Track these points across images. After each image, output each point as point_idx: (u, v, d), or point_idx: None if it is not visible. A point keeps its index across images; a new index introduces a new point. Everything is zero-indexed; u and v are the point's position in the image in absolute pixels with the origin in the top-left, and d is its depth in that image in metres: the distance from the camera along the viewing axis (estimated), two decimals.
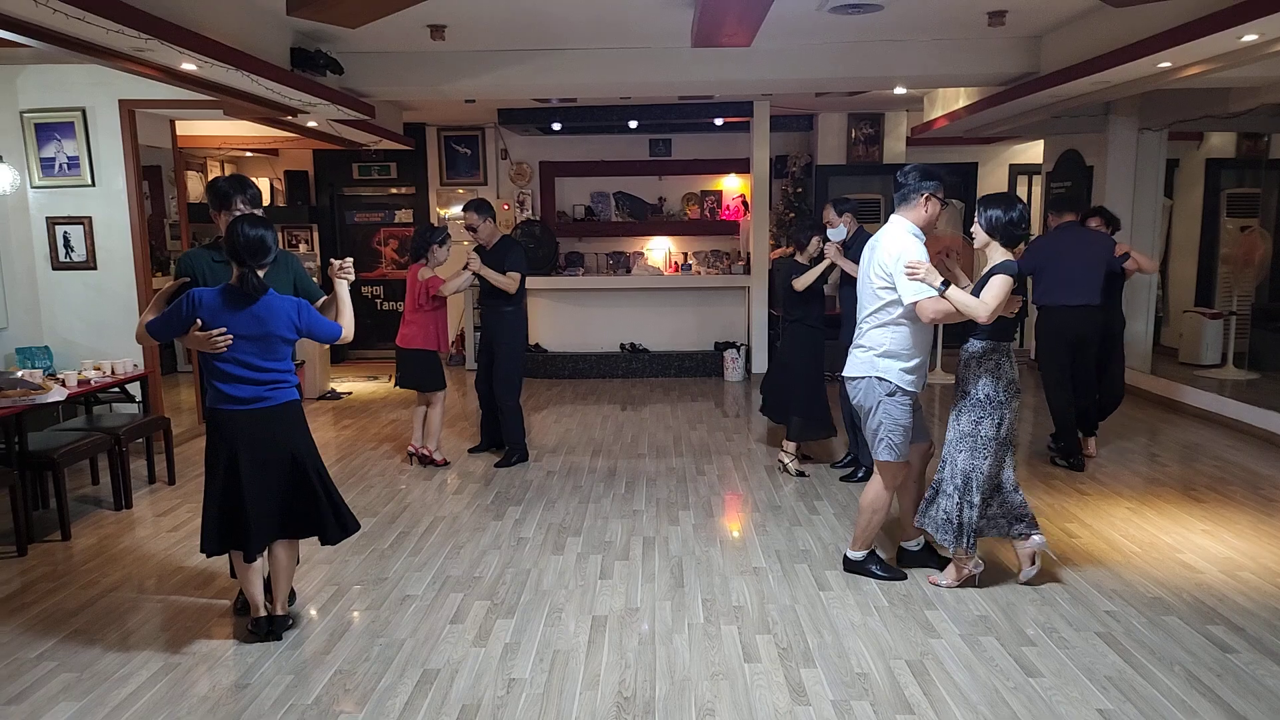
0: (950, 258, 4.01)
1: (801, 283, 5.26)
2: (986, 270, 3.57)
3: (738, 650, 3.30)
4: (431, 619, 3.58)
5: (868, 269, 3.73)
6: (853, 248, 5.17)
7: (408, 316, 5.68)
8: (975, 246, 3.69)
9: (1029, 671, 3.13)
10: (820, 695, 2.98)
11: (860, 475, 5.36)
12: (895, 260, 3.55)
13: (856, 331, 3.82)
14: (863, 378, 3.74)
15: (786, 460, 5.58)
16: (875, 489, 3.83)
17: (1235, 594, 3.74)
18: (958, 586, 3.82)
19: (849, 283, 5.11)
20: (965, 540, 3.71)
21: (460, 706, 2.93)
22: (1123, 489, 5.16)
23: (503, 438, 5.93)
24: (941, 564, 3.95)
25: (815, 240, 5.31)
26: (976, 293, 3.54)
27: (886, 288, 3.61)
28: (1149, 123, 7.74)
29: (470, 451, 6.13)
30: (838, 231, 5.23)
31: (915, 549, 4.08)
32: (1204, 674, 3.10)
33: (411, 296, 5.64)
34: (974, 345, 3.69)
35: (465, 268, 5.56)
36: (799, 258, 5.39)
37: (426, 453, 5.80)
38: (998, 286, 3.46)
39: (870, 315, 3.70)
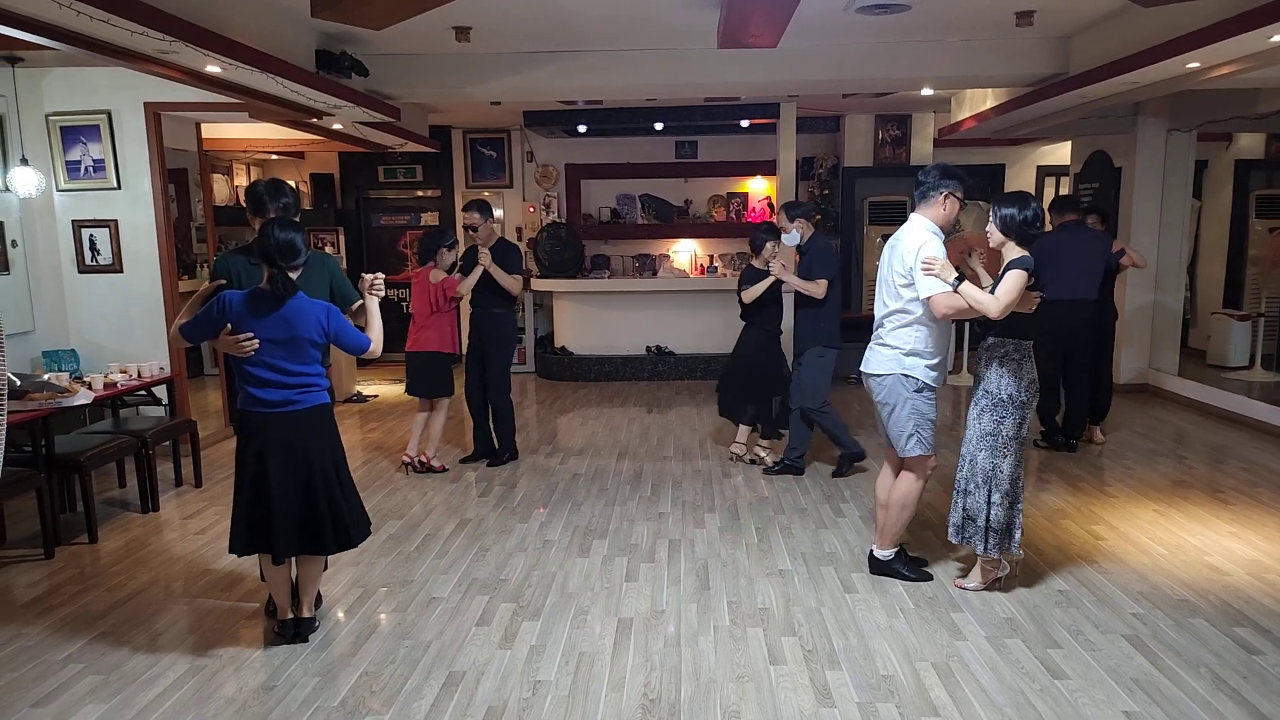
0: (973, 256, 4.00)
1: (749, 295, 5.40)
2: (1004, 267, 3.59)
3: (763, 652, 3.29)
4: (457, 621, 3.59)
5: (888, 267, 3.76)
6: (808, 253, 5.32)
7: (421, 321, 5.63)
8: (991, 245, 3.72)
9: (1055, 674, 3.10)
10: (846, 697, 2.97)
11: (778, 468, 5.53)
12: (914, 256, 3.60)
13: (878, 328, 3.84)
14: (888, 374, 3.76)
15: (763, 454, 5.75)
16: (906, 484, 3.84)
17: (1262, 596, 3.71)
18: (984, 589, 3.79)
19: (803, 299, 5.33)
20: (990, 542, 3.68)
21: (486, 708, 2.94)
22: (1150, 491, 5.11)
23: (496, 438, 5.94)
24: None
25: (769, 245, 5.40)
26: (995, 290, 3.55)
27: (907, 285, 3.65)
28: (1178, 124, 7.65)
29: (462, 461, 5.98)
30: (791, 237, 5.30)
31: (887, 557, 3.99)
32: (1230, 676, 3.08)
33: (424, 300, 5.60)
34: (993, 343, 3.69)
35: (477, 264, 5.57)
36: (754, 262, 5.50)
37: (425, 459, 5.73)
38: (1010, 282, 3.48)
39: (893, 313, 3.73)
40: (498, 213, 10.20)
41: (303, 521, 3.28)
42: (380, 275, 3.47)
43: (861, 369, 3.90)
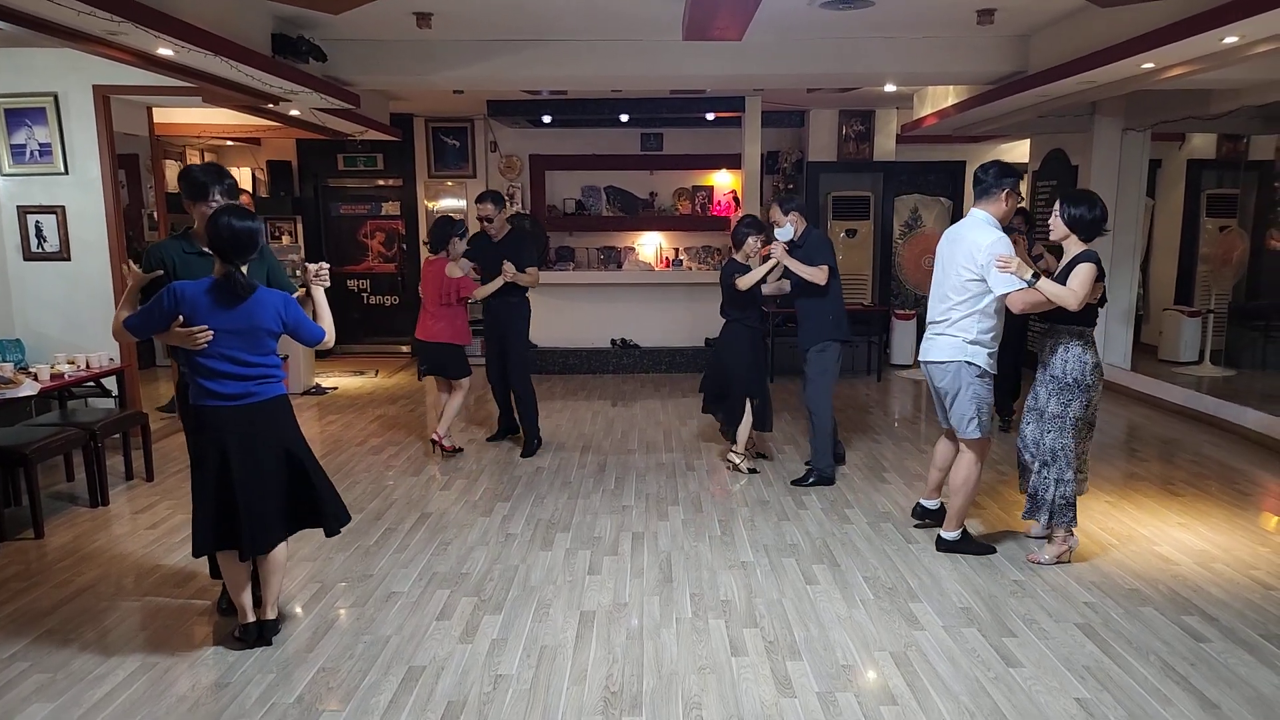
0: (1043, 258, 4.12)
1: (745, 282, 5.12)
2: (1069, 260, 3.80)
3: (725, 644, 3.30)
4: (417, 616, 3.55)
5: (950, 260, 3.97)
6: (803, 247, 5.12)
7: (432, 310, 5.67)
8: (1053, 238, 3.92)
9: (1010, 662, 3.16)
10: (806, 687, 2.99)
11: (811, 480, 5.22)
12: (984, 252, 3.80)
13: (938, 318, 4.05)
14: (951, 362, 3.98)
15: (737, 460, 5.50)
16: (967, 467, 4.07)
17: (1210, 585, 3.80)
18: (1056, 563, 3.99)
19: (799, 284, 5.13)
20: (1059, 517, 3.93)
21: (446, 703, 2.92)
22: (1102, 483, 5.21)
23: (521, 424, 6.07)
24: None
25: (751, 240, 5.24)
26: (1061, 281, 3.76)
27: (976, 279, 3.87)
28: (1133, 123, 7.81)
29: (489, 440, 6.26)
30: (784, 231, 5.10)
31: (934, 507, 4.40)
32: (1178, 663, 3.15)
33: (434, 291, 5.60)
34: (1059, 331, 3.90)
35: (501, 276, 5.68)
36: (736, 256, 5.34)
37: (437, 437, 5.82)
38: (1085, 274, 3.69)
39: (958, 304, 3.94)
40: (460, 203, 10.16)
41: (291, 505, 3.23)
42: (325, 265, 3.38)
43: (921, 357, 4.14)
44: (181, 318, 3.00)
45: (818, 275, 5.01)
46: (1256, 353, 8.55)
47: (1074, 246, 3.83)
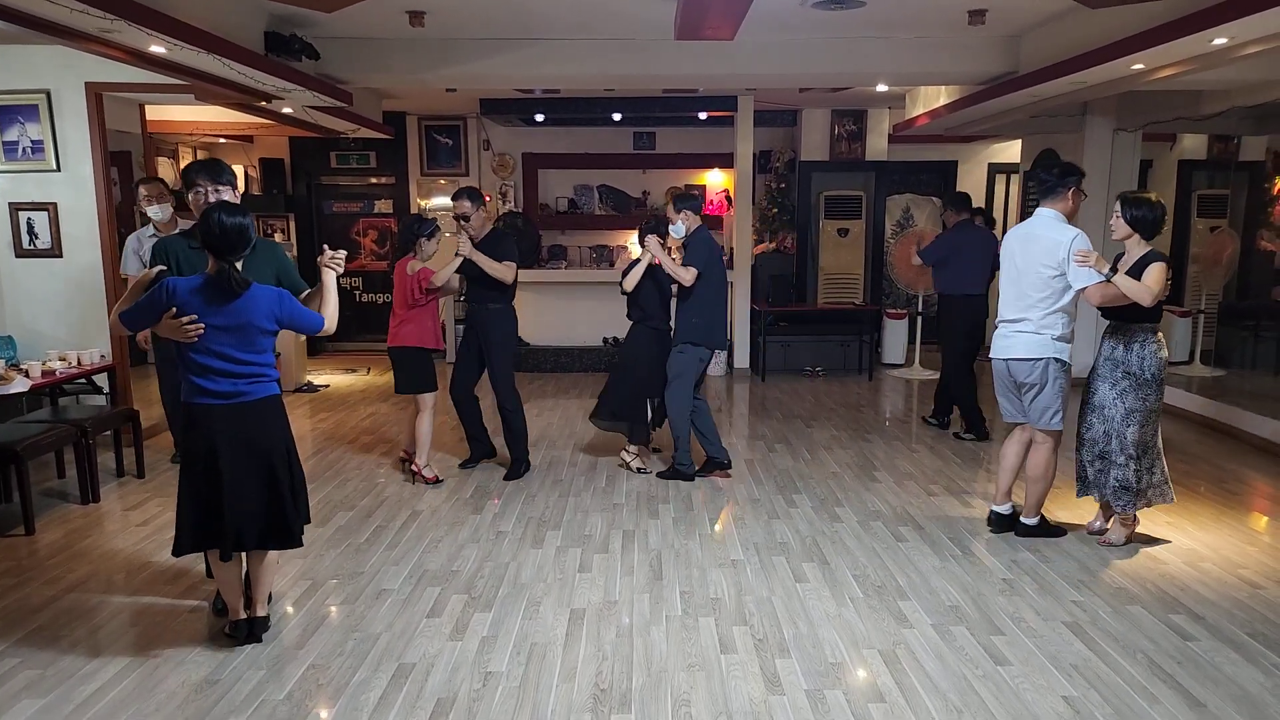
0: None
1: (628, 282, 5.20)
2: (1140, 257, 3.96)
3: (714, 641, 3.31)
4: (408, 613, 3.56)
5: (1027, 259, 4.10)
6: (690, 246, 5.18)
7: (400, 314, 5.22)
8: (1115, 238, 4.11)
9: (998, 660, 3.17)
10: (794, 685, 3.00)
11: (670, 475, 5.32)
12: (1065, 249, 3.96)
13: (1016, 316, 4.18)
14: (1040, 359, 4.12)
15: (629, 459, 5.51)
16: (1045, 457, 4.25)
17: (1197, 584, 3.82)
18: (1127, 542, 4.24)
19: (680, 285, 5.18)
20: (1139, 502, 4.15)
21: (435, 700, 2.92)
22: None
23: (508, 445, 5.48)
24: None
25: (651, 239, 5.21)
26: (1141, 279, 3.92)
27: (1058, 275, 4.01)
28: (1124, 123, 7.84)
29: (461, 466, 5.57)
30: (676, 228, 5.19)
31: (1008, 512, 4.47)
32: (1165, 661, 3.17)
33: (402, 293, 5.21)
34: (1131, 329, 4.08)
35: (457, 253, 5.12)
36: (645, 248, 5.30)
37: (414, 464, 5.30)
38: (1159, 272, 3.86)
39: (1039, 301, 4.09)
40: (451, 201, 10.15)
41: (264, 515, 3.18)
42: (341, 251, 3.35)
43: (1002, 355, 4.25)
44: (175, 310, 2.98)
45: (683, 276, 5.09)
46: (1246, 353, 8.59)
47: (1136, 246, 4.04)
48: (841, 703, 2.90)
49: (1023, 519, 4.39)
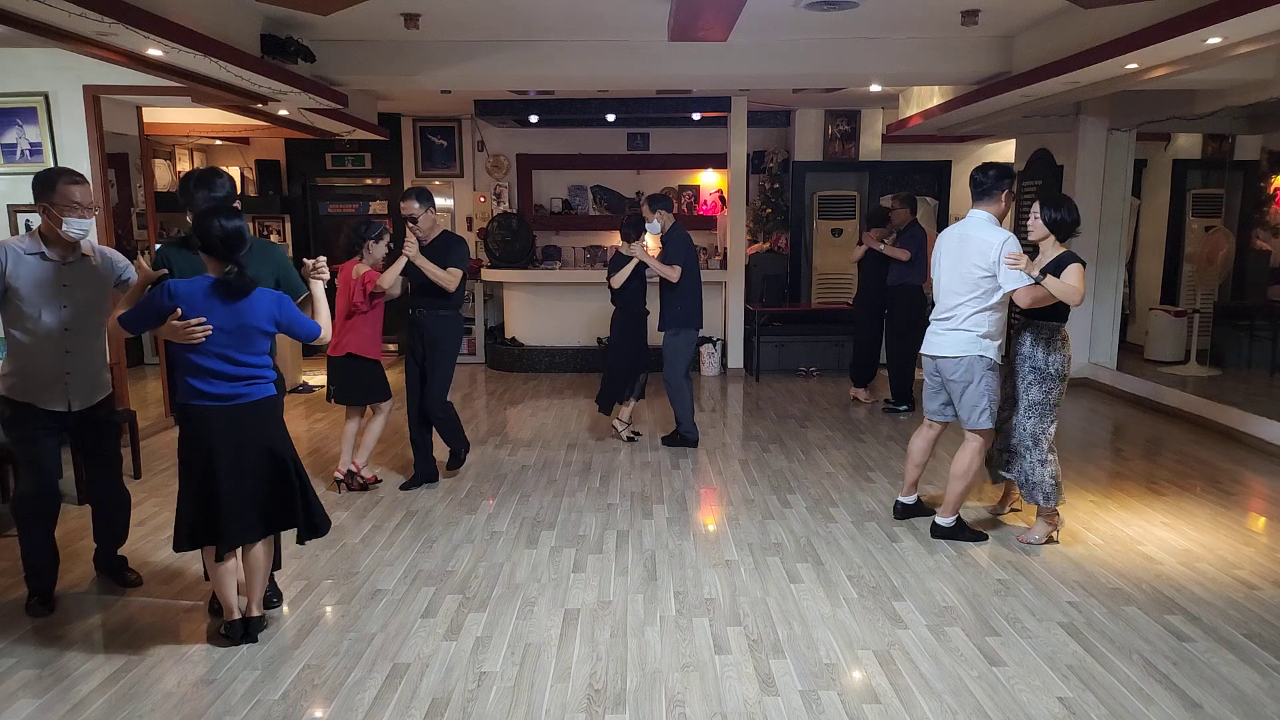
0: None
1: (616, 280, 5.94)
2: (1055, 258, 4.01)
3: (709, 642, 3.32)
4: (402, 613, 3.56)
5: (959, 258, 4.14)
6: (668, 242, 5.91)
7: (342, 323, 4.93)
8: (1032, 239, 4.16)
9: (993, 661, 3.18)
10: (789, 686, 3.01)
11: (677, 441, 6.07)
12: (996, 250, 4.01)
13: (945, 314, 4.22)
14: (964, 356, 4.16)
15: (620, 428, 6.24)
16: (971, 456, 4.24)
17: (1193, 585, 3.83)
18: (1046, 542, 4.26)
19: (664, 285, 5.94)
20: (1054, 496, 4.18)
21: (430, 700, 2.93)
22: (1087, 482, 5.25)
23: (445, 440, 5.32)
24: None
25: (636, 246, 5.89)
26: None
27: (988, 276, 4.06)
28: (1118, 123, 7.86)
29: (402, 489, 5.19)
30: (653, 226, 5.89)
31: (913, 503, 4.60)
32: (1161, 662, 3.17)
33: (345, 299, 4.95)
34: (1038, 326, 4.16)
35: (401, 255, 4.89)
36: (623, 250, 5.98)
37: (355, 468, 5.13)
38: (1080, 272, 3.96)
39: (968, 300, 4.12)
40: (447, 202, 10.15)
41: (270, 505, 3.22)
42: (323, 259, 3.41)
43: (929, 352, 4.31)
44: (178, 312, 3.01)
45: (670, 274, 5.80)
46: (1242, 352, 8.62)
47: (1052, 247, 4.09)
48: (836, 704, 2.90)
49: (937, 519, 4.37)
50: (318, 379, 8.56)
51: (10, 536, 4.41)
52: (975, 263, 4.07)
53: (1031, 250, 4.17)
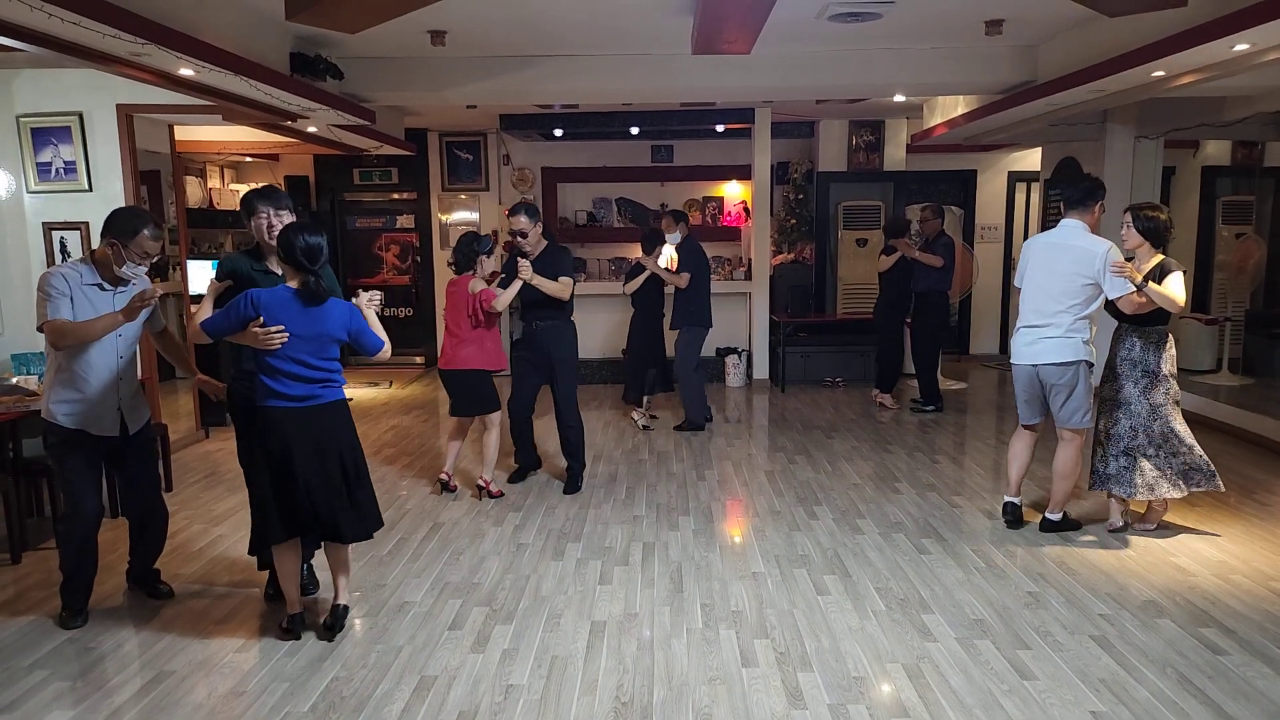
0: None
1: (629, 288, 6.92)
2: (1156, 266, 4.19)
3: (735, 655, 3.30)
4: (429, 625, 3.58)
5: (1057, 266, 4.29)
6: (681, 252, 6.80)
7: (463, 335, 5.09)
8: (1127, 247, 4.32)
9: (1023, 674, 3.14)
10: (817, 699, 2.99)
11: (686, 429, 6.92)
12: (1101, 259, 4.17)
13: (1042, 321, 4.35)
14: (1074, 362, 4.32)
15: (638, 419, 7.08)
16: (1072, 455, 4.43)
17: (1227, 597, 3.76)
18: (1157, 528, 4.51)
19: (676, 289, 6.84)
20: (1169, 490, 4.32)
21: (458, 713, 2.94)
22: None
23: (569, 457, 5.48)
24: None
25: (648, 259, 6.79)
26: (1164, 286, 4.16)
27: (1091, 284, 4.23)
28: (1145, 130, 7.77)
29: (510, 481, 5.55)
30: (674, 237, 6.79)
31: (1018, 502, 4.69)
32: (1196, 676, 3.12)
33: (462, 313, 5.08)
34: (1147, 331, 4.33)
35: (518, 276, 5.05)
36: (642, 260, 6.81)
37: (484, 483, 5.26)
38: (1180, 280, 4.12)
39: (1070, 308, 4.28)
40: (473, 215, 10.24)
41: (338, 510, 3.36)
42: (378, 293, 3.61)
43: (1027, 361, 4.41)
44: (261, 319, 3.21)
45: (679, 282, 6.74)
46: (1274, 360, 8.47)
47: (1147, 254, 4.26)
48: (865, 718, 2.88)
49: (1048, 514, 4.56)
50: (347, 391, 8.63)
51: (43, 549, 4.49)
52: (1077, 270, 4.23)
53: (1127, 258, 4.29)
